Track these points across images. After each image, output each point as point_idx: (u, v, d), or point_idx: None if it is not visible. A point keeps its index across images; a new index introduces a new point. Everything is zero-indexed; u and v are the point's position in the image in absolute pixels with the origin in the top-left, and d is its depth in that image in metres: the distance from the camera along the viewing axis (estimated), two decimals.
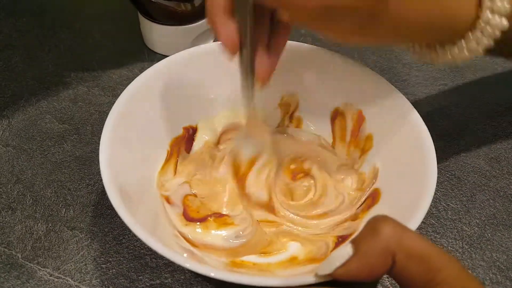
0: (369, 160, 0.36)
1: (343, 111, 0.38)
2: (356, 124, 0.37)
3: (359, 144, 0.37)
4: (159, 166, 0.36)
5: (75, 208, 0.37)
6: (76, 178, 0.39)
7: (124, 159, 0.32)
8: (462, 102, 0.48)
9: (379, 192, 0.33)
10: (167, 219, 0.34)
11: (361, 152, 0.37)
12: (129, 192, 0.30)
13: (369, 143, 0.36)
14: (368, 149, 0.36)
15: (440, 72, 0.51)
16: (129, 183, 0.31)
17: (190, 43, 0.50)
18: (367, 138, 0.36)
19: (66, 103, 0.45)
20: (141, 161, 0.34)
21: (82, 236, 0.35)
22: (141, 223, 0.27)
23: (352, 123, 0.38)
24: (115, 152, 0.31)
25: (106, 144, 0.30)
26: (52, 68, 0.49)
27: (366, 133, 0.36)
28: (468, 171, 0.41)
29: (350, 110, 0.37)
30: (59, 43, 0.52)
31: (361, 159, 0.36)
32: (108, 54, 0.51)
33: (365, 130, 0.36)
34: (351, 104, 0.37)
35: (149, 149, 0.35)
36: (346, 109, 0.38)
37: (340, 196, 0.36)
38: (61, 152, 0.41)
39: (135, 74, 0.48)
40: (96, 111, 0.45)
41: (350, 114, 0.38)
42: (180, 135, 0.38)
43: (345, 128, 0.38)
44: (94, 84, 0.47)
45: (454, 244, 0.36)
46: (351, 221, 0.33)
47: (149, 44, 0.52)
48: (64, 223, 0.36)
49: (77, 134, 0.43)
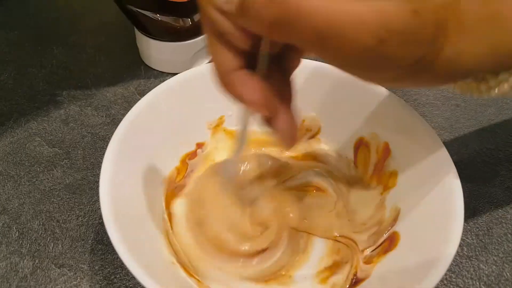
0: (390, 200, 0.33)
1: (368, 141, 0.35)
2: (381, 157, 0.34)
3: (382, 179, 0.34)
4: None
5: (63, 243, 0.34)
6: (65, 208, 0.37)
7: (127, 180, 0.30)
8: (476, 125, 0.45)
9: (397, 236, 0.30)
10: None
11: (383, 188, 0.34)
12: (129, 219, 0.28)
13: (392, 181, 0.33)
14: (391, 187, 0.33)
15: (452, 92, 0.49)
16: (131, 208, 0.29)
17: (189, 60, 0.47)
18: (392, 175, 0.33)
19: (57, 124, 0.43)
20: (146, 179, 0.32)
21: (70, 274, 0.33)
22: (143, 264, 0.24)
23: (376, 155, 0.34)
24: (118, 175, 0.29)
25: (109, 163, 0.29)
26: (44, 85, 0.47)
27: (391, 168, 0.33)
28: (484, 201, 0.38)
29: (376, 141, 0.34)
30: (52, 59, 0.50)
31: (382, 196, 0.33)
32: (102, 71, 0.49)
33: (390, 166, 0.33)
34: (378, 135, 0.34)
35: (156, 167, 0.34)
36: (371, 139, 0.35)
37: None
38: (50, 179, 0.38)
39: (130, 92, 0.46)
40: (88, 133, 0.42)
41: (375, 146, 0.35)
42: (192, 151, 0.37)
43: (368, 160, 0.35)
44: (87, 103, 0.45)
45: (470, 284, 0.33)
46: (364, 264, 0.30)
47: (146, 60, 0.49)
48: (51, 259, 0.34)
49: (67, 158, 0.40)
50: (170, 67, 0.48)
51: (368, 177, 0.35)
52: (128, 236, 0.26)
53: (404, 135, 0.32)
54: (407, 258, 0.28)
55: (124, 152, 0.30)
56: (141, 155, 0.32)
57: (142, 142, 0.32)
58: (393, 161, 0.33)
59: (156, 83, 0.47)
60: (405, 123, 0.32)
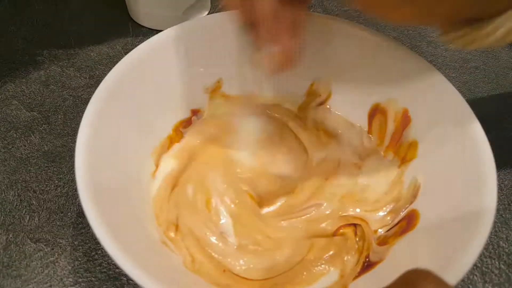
0: (409, 173, 0.29)
1: (384, 108, 0.31)
2: (399, 126, 0.30)
3: (399, 151, 0.30)
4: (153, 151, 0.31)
5: (40, 215, 0.31)
6: (43, 177, 0.33)
7: (109, 147, 0.26)
8: (497, 89, 0.41)
9: (417, 215, 0.26)
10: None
11: (401, 161, 0.30)
12: (110, 190, 0.24)
13: (412, 152, 0.29)
14: (410, 159, 0.29)
15: (470, 53, 0.44)
16: (112, 180, 0.25)
17: (181, 15, 0.43)
18: (411, 145, 0.29)
19: (36, 86, 0.39)
20: (131, 148, 0.28)
21: (47, 250, 0.30)
22: (123, 244, 0.21)
23: (394, 124, 0.30)
24: (98, 138, 0.25)
25: (88, 123, 0.25)
26: (23, 44, 0.43)
27: (410, 139, 0.29)
28: (505, 172, 0.35)
29: (394, 108, 0.30)
30: (33, 15, 0.46)
31: (400, 169, 0.30)
32: (87, 29, 0.44)
33: (409, 135, 0.29)
34: (396, 100, 0.30)
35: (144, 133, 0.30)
36: (388, 105, 0.31)
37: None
38: (27, 146, 0.35)
39: (116, 52, 0.42)
40: (70, 96, 0.38)
41: (393, 113, 0.30)
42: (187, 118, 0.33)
43: (385, 129, 0.31)
44: (69, 64, 0.41)
45: (489, 263, 0.30)
46: (378, 246, 0.27)
47: (134, 16, 0.45)
48: (27, 233, 0.30)
49: (47, 123, 0.36)
50: (160, 24, 0.43)
51: (383, 148, 0.32)
52: (107, 213, 0.22)
53: (426, 100, 0.28)
54: (428, 239, 0.24)
55: (106, 116, 0.26)
56: (126, 120, 0.28)
57: (128, 106, 0.28)
58: (413, 130, 0.29)
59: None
60: (427, 87, 0.28)
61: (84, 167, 0.23)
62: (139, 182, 0.29)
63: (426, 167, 0.28)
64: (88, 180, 0.23)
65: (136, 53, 0.28)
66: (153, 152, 0.31)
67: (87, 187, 0.22)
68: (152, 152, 0.31)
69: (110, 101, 0.27)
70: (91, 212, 0.21)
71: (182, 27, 0.30)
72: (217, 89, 0.33)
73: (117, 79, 0.27)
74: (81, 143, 0.24)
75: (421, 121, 0.29)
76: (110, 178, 0.25)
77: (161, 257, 0.26)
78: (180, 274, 0.25)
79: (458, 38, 0.22)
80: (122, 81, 0.28)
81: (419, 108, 0.29)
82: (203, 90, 0.33)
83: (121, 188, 0.26)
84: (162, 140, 0.32)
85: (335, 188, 0.31)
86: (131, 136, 0.29)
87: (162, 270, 0.23)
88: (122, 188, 0.26)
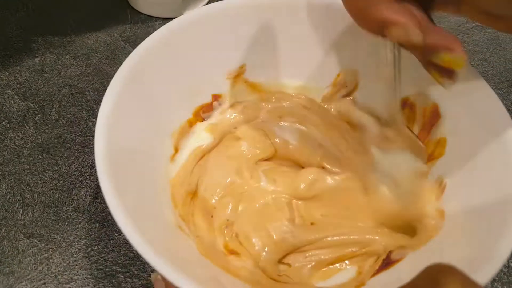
0: (434, 172, 0.28)
1: (413, 102, 0.29)
2: (428, 122, 0.28)
3: (427, 147, 0.28)
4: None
5: (34, 209, 0.30)
6: (37, 170, 0.32)
7: (129, 127, 0.25)
8: (505, 82, 0.40)
9: (441, 214, 0.25)
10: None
11: (427, 158, 0.28)
12: (127, 171, 0.24)
13: (440, 150, 0.27)
14: (438, 157, 0.27)
15: (478, 44, 0.43)
16: (129, 158, 0.24)
17: (181, 2, 0.41)
18: (439, 143, 0.27)
19: (31, 74, 0.38)
20: (151, 129, 0.28)
21: (41, 246, 0.29)
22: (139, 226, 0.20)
23: (423, 119, 0.29)
24: (117, 118, 0.24)
25: (108, 101, 0.24)
26: (18, 31, 0.41)
27: (438, 136, 0.28)
28: None
29: (424, 103, 0.29)
30: (28, 2, 0.44)
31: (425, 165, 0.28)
32: (84, 15, 0.43)
33: (438, 132, 0.28)
34: (426, 95, 0.28)
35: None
36: (418, 100, 0.29)
37: None
38: (21, 137, 0.34)
39: (114, 39, 0.40)
40: (65, 85, 0.37)
41: (422, 108, 0.29)
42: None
43: (412, 125, 0.29)
44: (65, 51, 0.40)
45: None
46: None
47: (132, 3, 0.43)
48: (20, 228, 0.29)
49: (41, 113, 0.35)
50: (159, 11, 0.42)
51: None
52: (124, 193, 0.21)
53: (458, 95, 0.26)
54: (451, 245, 0.23)
55: (127, 96, 0.25)
56: (147, 102, 0.27)
57: (149, 88, 0.27)
58: (443, 128, 0.28)
59: (144, 29, 0.42)
60: (462, 85, 0.26)
61: (103, 146, 0.22)
62: (157, 164, 0.28)
63: (454, 166, 0.26)
64: (107, 160, 0.22)
65: (158, 35, 0.28)
66: (173, 134, 0.30)
67: (105, 167, 0.22)
68: (172, 134, 0.30)
69: (130, 82, 0.26)
70: (109, 193, 0.21)
71: (205, 10, 0.29)
72: (240, 74, 0.32)
73: (138, 60, 0.26)
74: (101, 122, 0.23)
75: (451, 118, 0.27)
76: (128, 159, 0.24)
77: (176, 241, 0.25)
78: (193, 258, 0.25)
79: None
80: (144, 63, 0.27)
81: (450, 104, 0.27)
82: (225, 75, 0.32)
83: (139, 169, 0.25)
84: (182, 123, 0.31)
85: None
86: (151, 117, 0.28)
87: (176, 255, 0.23)
88: (140, 169, 0.25)
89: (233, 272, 0.25)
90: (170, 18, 0.41)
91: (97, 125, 0.23)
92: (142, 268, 0.28)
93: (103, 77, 0.38)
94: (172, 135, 0.30)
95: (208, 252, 0.25)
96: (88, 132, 0.34)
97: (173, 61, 0.29)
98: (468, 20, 0.45)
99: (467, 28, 0.45)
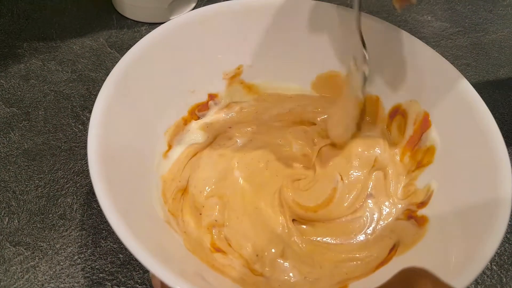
0: (423, 178, 0.28)
1: (405, 110, 0.30)
2: (418, 129, 0.29)
3: (416, 155, 0.29)
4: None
5: (20, 217, 0.30)
6: (23, 177, 0.32)
7: (123, 122, 0.25)
8: (487, 86, 0.41)
9: (426, 221, 0.25)
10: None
11: (416, 165, 0.29)
12: (120, 164, 0.24)
13: (428, 157, 0.28)
14: (426, 164, 0.28)
15: (461, 49, 0.44)
16: (122, 153, 0.25)
17: (167, 8, 0.41)
18: (428, 150, 0.28)
19: (16, 80, 0.37)
20: (145, 125, 0.28)
21: (27, 254, 0.28)
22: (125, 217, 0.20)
23: (413, 127, 0.29)
24: (112, 113, 0.24)
25: (104, 96, 0.25)
26: (2, 36, 0.41)
27: (427, 143, 0.28)
28: None
29: (415, 111, 0.29)
30: (13, 6, 0.44)
31: (414, 173, 0.29)
32: (69, 20, 0.43)
33: (427, 140, 0.28)
34: (417, 102, 0.29)
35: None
36: (410, 108, 0.30)
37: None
38: (6, 144, 0.33)
39: (100, 44, 0.40)
40: (51, 91, 0.37)
41: (414, 116, 0.29)
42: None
43: (403, 131, 0.30)
44: (50, 57, 0.39)
45: None
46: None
47: (118, 8, 0.43)
48: (6, 236, 0.29)
49: (27, 120, 0.35)
50: (146, 16, 0.42)
51: (400, 151, 0.31)
52: (114, 185, 0.22)
53: (449, 106, 0.27)
54: (434, 250, 0.23)
55: (122, 92, 0.26)
56: (142, 98, 0.28)
57: (145, 85, 0.28)
58: (432, 136, 0.28)
59: (130, 34, 0.42)
60: (453, 93, 0.27)
61: (96, 140, 0.23)
62: (150, 160, 0.28)
63: (441, 173, 0.27)
64: (100, 153, 0.22)
65: (157, 32, 0.28)
66: (167, 131, 0.30)
67: (97, 160, 0.22)
68: (166, 131, 0.30)
69: (126, 78, 0.26)
70: (99, 185, 0.21)
71: (203, 11, 0.30)
72: (237, 75, 0.33)
73: (135, 57, 0.27)
74: (96, 115, 0.24)
75: (441, 127, 0.28)
76: (122, 154, 0.25)
77: (163, 235, 0.25)
78: (179, 253, 0.25)
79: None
80: (142, 58, 0.27)
81: (440, 112, 0.28)
82: (222, 75, 0.33)
83: (131, 163, 0.26)
84: (177, 121, 0.31)
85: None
86: (146, 113, 0.28)
87: (162, 248, 0.23)
88: (132, 164, 0.26)
89: (218, 269, 0.25)
90: (156, 23, 0.42)
91: (91, 120, 0.23)
92: (129, 276, 0.28)
93: (89, 83, 0.37)
94: (166, 132, 0.30)
95: (194, 248, 0.26)
96: (74, 138, 0.34)
97: (171, 59, 0.29)
98: (452, 26, 0.46)
99: (450, 33, 0.45)
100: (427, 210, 0.26)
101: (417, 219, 0.26)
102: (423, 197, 0.27)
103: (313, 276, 0.26)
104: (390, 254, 0.26)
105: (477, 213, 0.23)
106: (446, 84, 0.27)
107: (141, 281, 0.28)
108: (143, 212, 0.25)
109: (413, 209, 0.27)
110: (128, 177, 0.24)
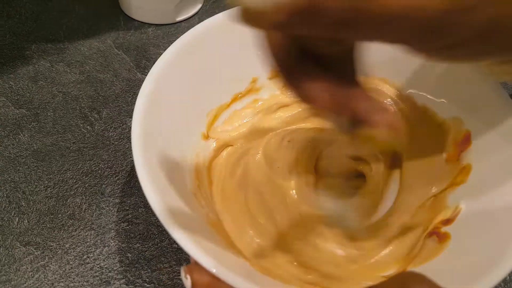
0: (453, 197, 0.27)
1: (449, 126, 0.29)
2: (457, 148, 0.28)
3: (452, 173, 0.28)
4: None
5: (30, 217, 0.30)
6: (33, 178, 0.32)
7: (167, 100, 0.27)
8: None
9: (447, 238, 0.25)
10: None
11: (449, 184, 0.28)
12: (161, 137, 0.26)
13: (462, 177, 0.27)
14: (459, 184, 0.27)
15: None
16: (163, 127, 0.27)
17: (174, 9, 0.42)
18: (464, 169, 0.27)
19: (25, 82, 0.38)
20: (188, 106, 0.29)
21: (37, 253, 0.29)
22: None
23: (453, 145, 0.28)
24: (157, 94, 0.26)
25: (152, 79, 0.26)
26: (11, 38, 0.41)
27: (464, 162, 0.27)
28: None
29: (457, 128, 0.28)
30: (21, 8, 0.44)
31: (445, 192, 0.28)
32: (77, 22, 0.43)
33: (465, 159, 0.27)
34: (461, 120, 0.28)
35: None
36: (453, 124, 0.29)
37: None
38: (15, 145, 0.34)
39: (107, 46, 0.40)
40: (59, 92, 0.37)
41: (454, 133, 0.28)
42: None
43: (442, 148, 0.29)
44: (58, 59, 0.40)
45: None
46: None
47: (125, 9, 0.44)
48: (16, 236, 0.30)
49: (36, 121, 0.35)
50: (152, 17, 0.42)
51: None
52: (151, 154, 0.24)
53: (493, 126, 0.26)
54: (451, 267, 0.23)
55: (169, 76, 0.27)
56: (191, 78, 0.29)
57: (192, 67, 0.29)
58: (470, 155, 0.27)
59: (137, 36, 0.42)
60: (496, 112, 0.26)
61: (140, 115, 0.25)
62: (188, 137, 0.30)
63: (473, 194, 0.26)
64: (142, 127, 0.24)
65: (213, 20, 0.29)
66: (209, 112, 0.31)
67: (140, 132, 0.24)
68: (208, 112, 0.31)
69: (171, 66, 0.27)
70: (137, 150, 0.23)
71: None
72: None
73: (191, 40, 0.28)
74: (144, 92, 0.25)
75: (480, 147, 0.27)
76: (162, 128, 0.26)
77: (189, 206, 0.26)
78: (200, 226, 0.25)
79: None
80: (198, 41, 0.29)
81: (482, 132, 0.27)
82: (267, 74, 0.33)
83: (171, 137, 0.27)
84: (220, 104, 0.32)
85: None
86: (192, 95, 0.30)
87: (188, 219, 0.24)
88: (171, 136, 0.27)
89: (234, 248, 0.26)
90: (163, 24, 0.42)
91: (139, 93, 0.25)
92: (137, 275, 0.28)
93: (97, 84, 0.38)
94: (209, 112, 0.31)
95: (215, 225, 0.26)
96: (82, 139, 0.34)
97: (217, 45, 0.30)
98: None
99: None
100: (451, 228, 0.26)
101: (439, 235, 0.26)
102: (450, 214, 0.26)
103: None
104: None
105: (498, 236, 0.23)
106: (491, 104, 0.27)
107: (149, 279, 0.28)
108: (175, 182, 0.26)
109: (438, 226, 0.27)
110: (166, 147, 0.26)
